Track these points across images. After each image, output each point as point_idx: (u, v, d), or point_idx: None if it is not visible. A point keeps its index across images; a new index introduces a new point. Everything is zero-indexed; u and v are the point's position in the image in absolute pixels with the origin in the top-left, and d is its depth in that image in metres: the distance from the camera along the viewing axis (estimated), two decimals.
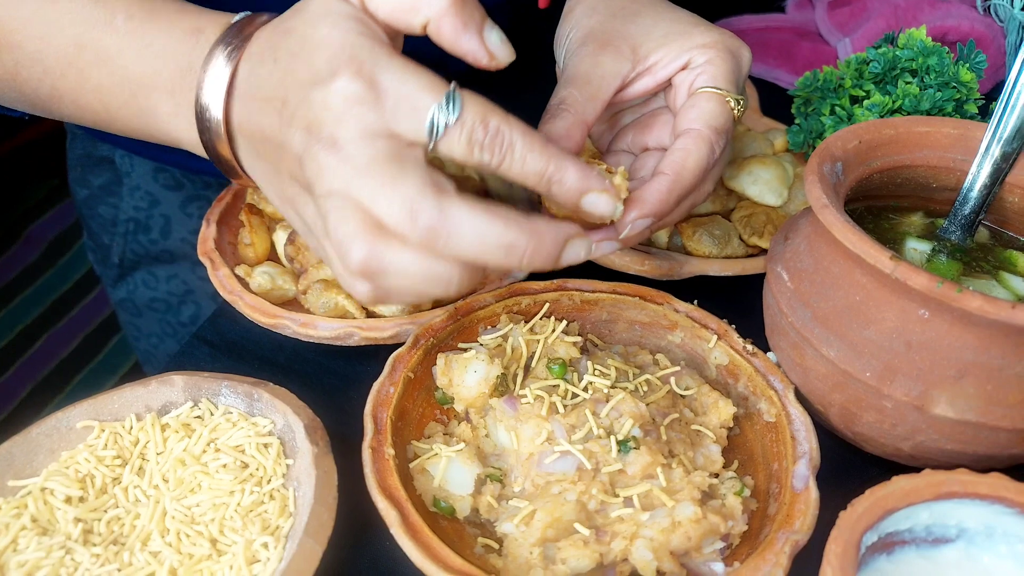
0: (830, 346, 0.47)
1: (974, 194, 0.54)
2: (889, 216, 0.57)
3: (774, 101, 0.82)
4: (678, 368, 0.54)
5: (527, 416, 0.49)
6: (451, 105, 0.39)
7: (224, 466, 0.44)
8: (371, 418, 0.48)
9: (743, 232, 0.65)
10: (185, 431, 0.46)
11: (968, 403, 0.44)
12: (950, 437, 0.46)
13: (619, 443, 0.47)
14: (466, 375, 0.50)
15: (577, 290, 0.59)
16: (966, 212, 0.54)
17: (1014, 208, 0.54)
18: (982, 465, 0.48)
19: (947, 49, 0.70)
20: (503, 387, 0.51)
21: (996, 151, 0.53)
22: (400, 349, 0.53)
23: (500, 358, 0.53)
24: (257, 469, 0.44)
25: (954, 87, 0.70)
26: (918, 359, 0.45)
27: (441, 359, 0.51)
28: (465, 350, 0.54)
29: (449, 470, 0.48)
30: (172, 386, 0.48)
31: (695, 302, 0.58)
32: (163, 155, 0.86)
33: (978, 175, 0.54)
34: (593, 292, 0.59)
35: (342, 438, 0.50)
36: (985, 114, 0.73)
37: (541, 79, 0.65)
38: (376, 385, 0.51)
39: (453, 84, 0.39)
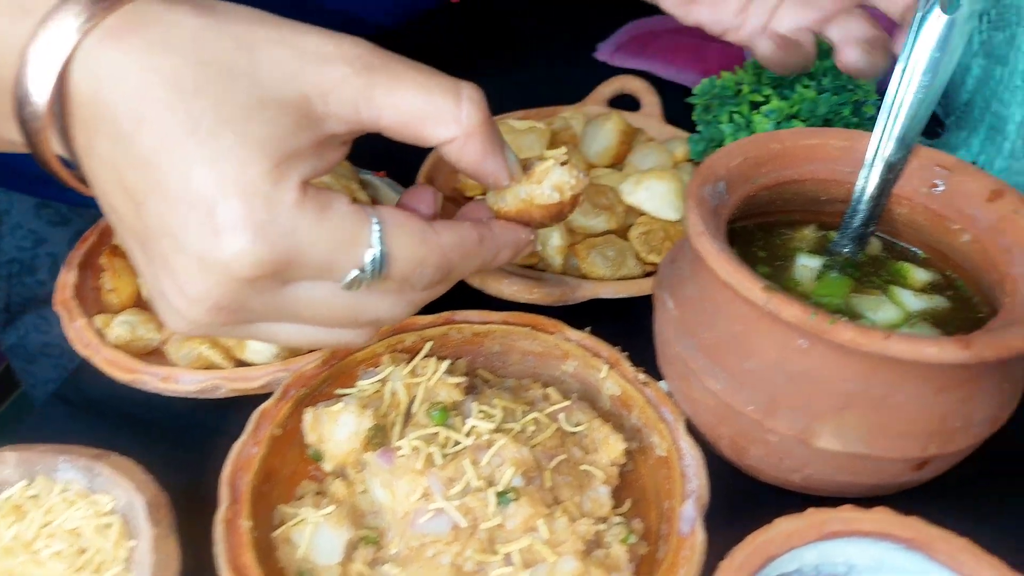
0: (715, 378, 0.45)
1: (862, 206, 0.52)
2: (781, 232, 0.55)
3: (683, 107, 0.80)
4: (568, 403, 0.52)
5: (402, 471, 0.46)
6: (375, 266, 0.34)
7: (58, 553, 0.40)
8: (227, 486, 0.45)
9: (640, 250, 0.62)
10: (16, 515, 0.42)
11: (852, 435, 0.42)
12: (837, 469, 0.44)
13: (498, 495, 0.45)
14: (336, 430, 0.47)
15: (466, 322, 0.56)
16: (856, 225, 0.52)
17: (903, 219, 0.53)
18: (874, 493, 0.46)
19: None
20: (379, 439, 0.48)
21: (881, 162, 0.51)
22: (266, 403, 0.49)
23: (377, 406, 0.50)
24: (95, 554, 0.41)
25: (851, 90, 0.68)
26: (800, 391, 0.43)
27: (308, 414, 0.48)
28: (343, 397, 0.51)
29: (315, 537, 0.45)
30: (4, 464, 0.44)
31: (588, 329, 0.56)
32: (44, 189, 0.81)
33: (865, 187, 0.52)
34: (484, 324, 0.56)
35: (209, 504, 0.47)
36: None
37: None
38: (236, 446, 0.47)
39: (376, 233, 0.34)
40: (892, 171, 0.51)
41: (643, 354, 0.54)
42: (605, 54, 0.96)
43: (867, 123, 0.68)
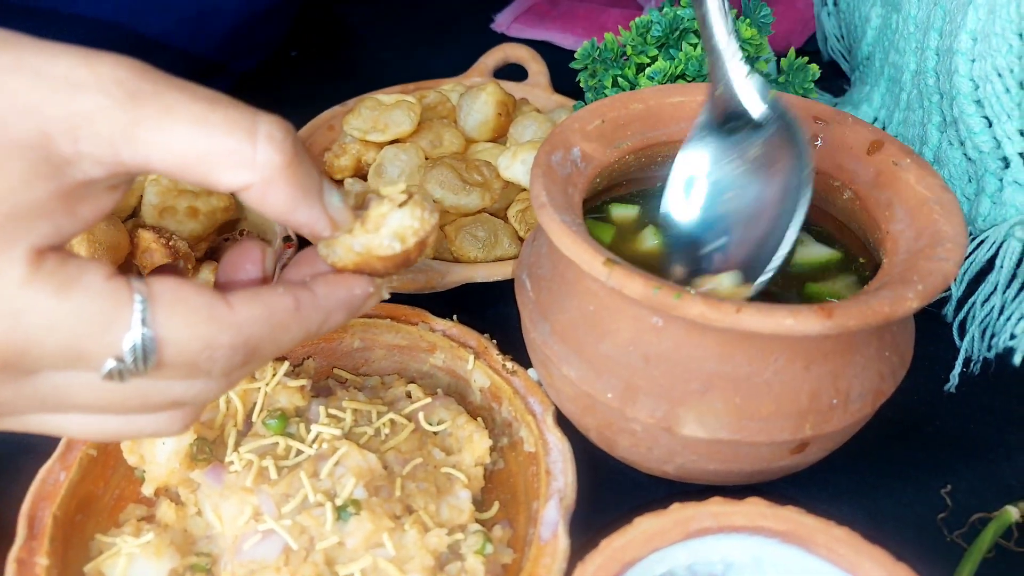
0: (570, 365, 0.41)
1: None
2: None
3: (575, 75, 0.76)
4: (429, 400, 0.47)
5: (231, 489, 0.41)
6: (136, 354, 0.27)
7: None
8: (26, 519, 0.39)
9: (519, 228, 0.58)
10: None
11: (718, 420, 0.38)
12: (708, 457, 0.40)
13: (338, 509, 0.40)
14: (155, 449, 0.42)
15: None
16: None
17: None
18: (755, 480, 0.42)
19: (729, 5, 0.64)
20: (206, 454, 0.43)
21: None
22: None
23: (212, 417, 0.44)
24: None
25: (740, 45, 0.64)
26: (659, 375, 0.38)
27: None
28: None
29: (131, 570, 0.39)
30: None
31: (454, 317, 0.51)
32: None
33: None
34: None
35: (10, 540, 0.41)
36: (784, 71, 0.68)
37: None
38: (41, 473, 0.41)
39: (138, 313, 0.27)
40: None
41: (519, 342, 0.49)
42: (503, 25, 0.91)
43: None
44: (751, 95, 0.43)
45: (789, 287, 0.44)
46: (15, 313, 0.25)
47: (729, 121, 0.43)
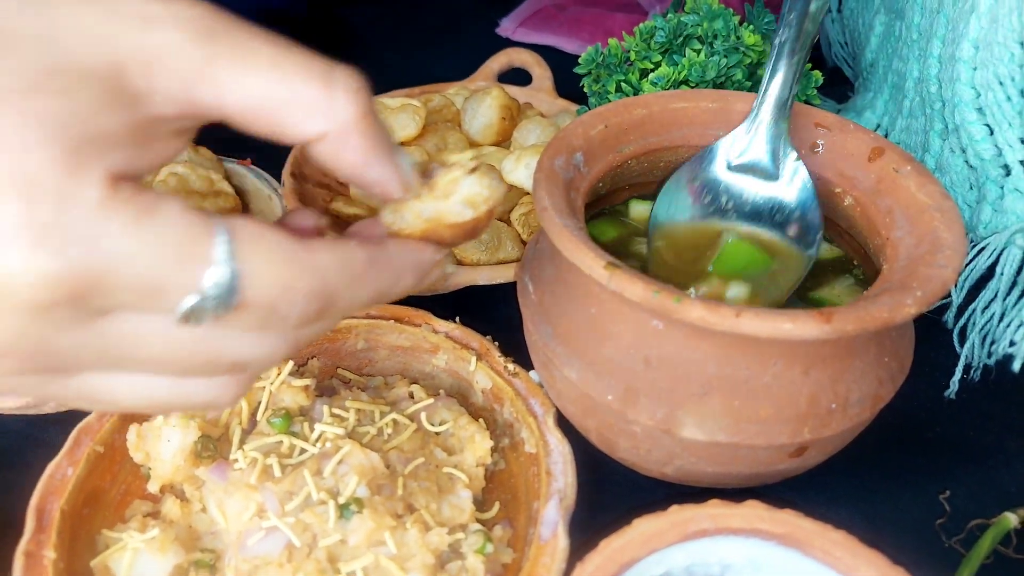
0: (571, 367, 0.41)
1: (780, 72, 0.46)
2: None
3: (579, 79, 0.76)
4: (431, 401, 0.47)
5: (236, 486, 0.41)
6: (220, 291, 0.25)
7: None
8: (34, 512, 0.40)
9: (522, 232, 0.58)
10: None
11: (716, 423, 0.38)
12: (707, 460, 0.40)
13: (340, 507, 0.40)
14: (161, 446, 0.42)
15: None
16: (774, 94, 0.47)
17: None
18: (754, 483, 0.43)
19: (732, 11, 0.65)
20: (211, 452, 0.43)
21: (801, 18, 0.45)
22: (88, 418, 0.44)
23: (217, 415, 0.45)
24: None
25: (743, 51, 0.65)
26: (659, 377, 0.39)
27: (133, 431, 0.43)
28: None
29: (135, 564, 0.40)
30: None
31: (457, 319, 0.52)
32: None
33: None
34: (344, 319, 0.51)
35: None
36: None
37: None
38: (49, 468, 0.42)
39: (223, 246, 0.25)
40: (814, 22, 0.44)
41: (521, 344, 0.49)
42: (508, 29, 0.92)
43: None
44: (780, 156, 0.44)
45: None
46: (92, 238, 0.23)
47: (743, 164, 0.45)
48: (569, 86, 0.73)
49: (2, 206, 0.22)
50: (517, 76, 0.75)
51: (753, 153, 0.45)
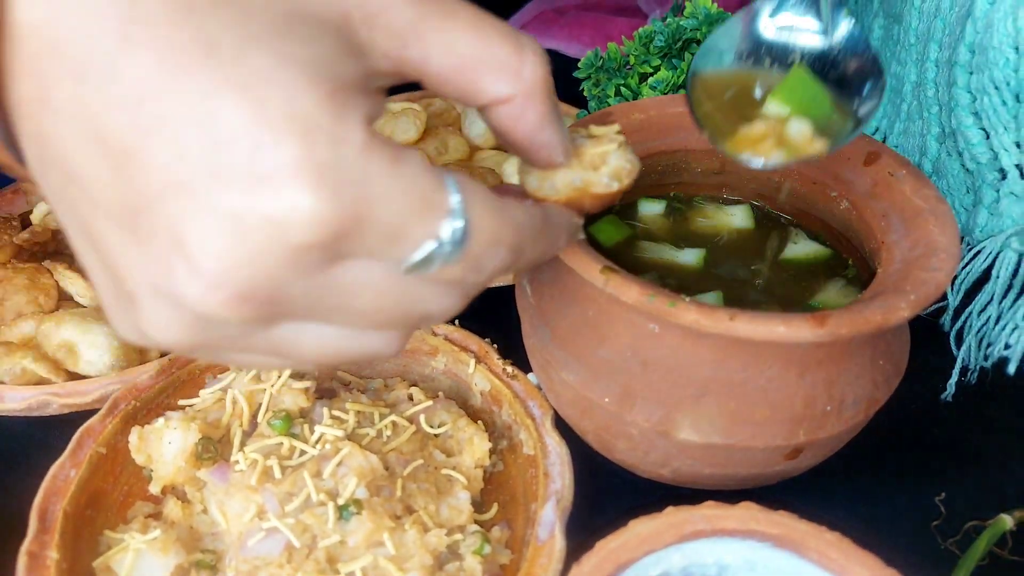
0: (569, 369, 0.42)
1: None
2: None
3: (579, 83, 0.76)
4: (430, 403, 0.48)
5: (236, 487, 0.42)
6: (455, 239, 0.26)
7: None
8: (38, 513, 0.41)
9: None
10: None
11: (712, 425, 0.38)
12: (703, 462, 0.40)
13: (340, 509, 0.41)
14: (162, 448, 0.43)
15: None
16: None
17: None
18: (750, 485, 0.43)
19: (731, 15, 0.65)
20: (211, 454, 0.43)
21: None
22: (91, 420, 0.45)
23: (219, 417, 0.45)
24: None
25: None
26: (656, 379, 0.39)
27: (135, 434, 0.44)
28: (185, 408, 0.46)
29: (137, 565, 0.40)
30: None
31: (456, 321, 0.52)
32: None
33: None
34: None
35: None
36: None
37: None
38: (52, 469, 0.43)
39: (457, 198, 0.26)
40: None
41: (519, 346, 0.50)
42: None
43: None
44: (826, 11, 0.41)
45: (785, 286, 0.45)
46: (360, 181, 0.24)
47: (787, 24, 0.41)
48: (569, 90, 0.73)
49: (280, 145, 0.22)
50: None
51: (798, 9, 0.43)
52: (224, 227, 0.23)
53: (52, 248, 0.56)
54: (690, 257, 0.47)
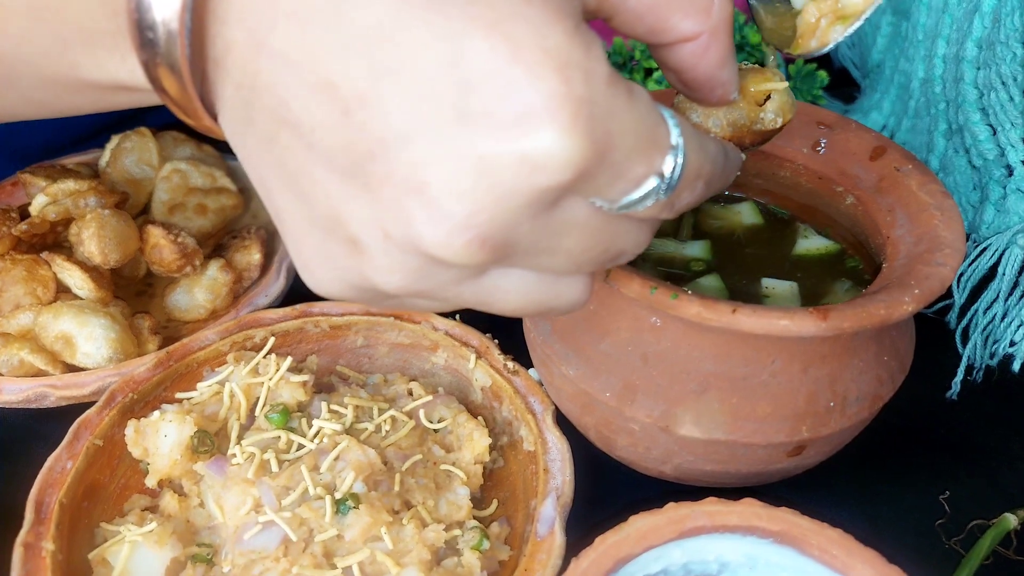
0: (569, 364, 0.41)
1: None
2: None
3: None
4: (430, 398, 0.47)
5: (233, 480, 0.42)
6: (672, 177, 0.25)
7: None
8: (34, 505, 0.40)
9: None
10: None
11: (714, 420, 0.38)
12: (705, 458, 0.40)
13: (337, 503, 0.40)
14: (159, 441, 0.43)
15: (324, 315, 0.51)
16: None
17: (788, 183, 0.49)
18: (752, 482, 0.43)
19: (737, 10, 0.65)
20: (208, 447, 0.43)
21: None
22: (88, 411, 0.45)
23: (217, 411, 0.45)
24: None
25: (750, 52, 0.64)
26: (656, 374, 0.39)
27: (131, 427, 0.43)
28: (182, 401, 0.46)
29: (133, 558, 0.40)
30: None
31: (457, 316, 0.52)
32: None
33: None
34: (343, 315, 0.51)
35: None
36: (793, 78, 0.68)
37: None
38: (49, 461, 0.42)
39: (677, 132, 0.25)
40: None
41: (520, 342, 0.49)
42: None
43: None
44: None
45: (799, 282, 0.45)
46: (610, 115, 0.23)
47: None
48: None
49: (537, 83, 0.21)
50: None
51: None
52: (473, 170, 0.22)
53: (51, 240, 0.55)
54: (695, 250, 0.46)
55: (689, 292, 0.35)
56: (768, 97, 0.33)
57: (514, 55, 0.21)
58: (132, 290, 0.58)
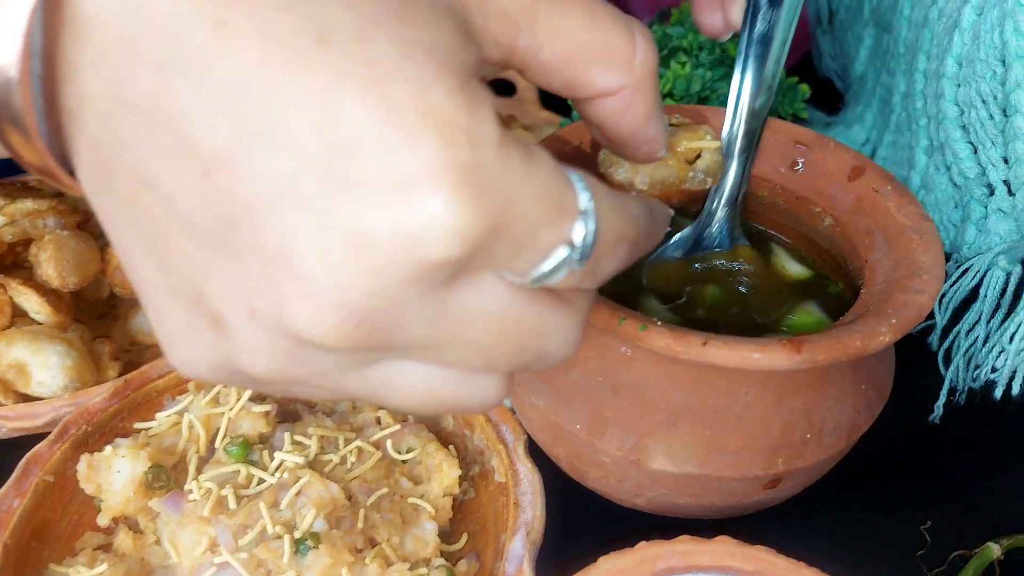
0: (539, 394, 0.40)
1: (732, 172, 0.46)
2: None
3: None
4: (398, 427, 0.46)
5: (189, 518, 0.40)
6: (585, 244, 0.23)
7: None
8: None
9: None
10: None
11: (686, 453, 0.37)
12: (678, 491, 0.39)
13: (296, 542, 0.39)
14: (111, 478, 0.41)
15: None
16: (724, 194, 0.46)
17: (766, 203, 0.48)
18: (728, 515, 0.41)
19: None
20: (162, 482, 0.41)
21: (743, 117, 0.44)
22: (39, 445, 0.43)
23: (173, 442, 0.43)
24: None
25: (730, 64, 0.63)
26: (627, 405, 0.37)
27: (83, 461, 0.41)
28: (139, 432, 0.44)
29: None
30: None
31: None
32: None
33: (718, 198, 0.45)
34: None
35: None
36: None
37: None
38: None
39: (587, 197, 0.22)
40: (757, 119, 0.44)
41: None
42: None
43: None
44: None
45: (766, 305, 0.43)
46: (500, 186, 0.20)
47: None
48: (554, 97, 0.72)
49: (416, 147, 0.19)
50: (501, 86, 0.74)
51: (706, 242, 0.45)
52: (346, 242, 0.20)
53: (10, 261, 0.54)
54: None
55: (659, 323, 0.34)
56: (699, 155, 0.32)
57: (390, 116, 0.19)
58: (95, 312, 0.56)
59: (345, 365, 0.23)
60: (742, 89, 0.43)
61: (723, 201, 0.45)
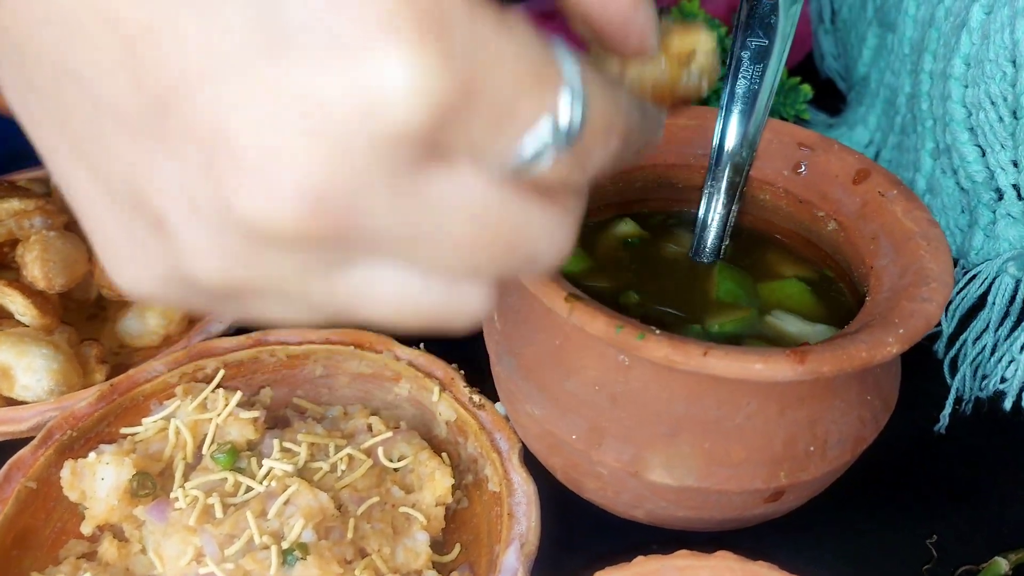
0: (535, 403, 0.39)
1: (714, 220, 0.45)
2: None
3: None
4: (390, 434, 0.45)
5: (174, 527, 0.39)
6: (573, 121, 0.20)
7: None
8: None
9: None
10: None
11: (686, 466, 0.36)
12: (678, 504, 0.37)
13: (284, 553, 0.38)
14: (95, 485, 0.40)
15: (280, 343, 0.49)
16: (708, 240, 0.45)
17: (768, 206, 0.46)
18: (729, 527, 0.40)
19: (719, 21, 0.63)
20: (147, 490, 0.40)
21: (725, 170, 0.43)
22: (22, 451, 0.42)
23: (160, 448, 0.42)
24: None
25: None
26: (625, 416, 0.36)
27: (67, 468, 0.40)
28: (125, 438, 0.43)
29: None
30: None
31: (421, 345, 0.49)
32: None
33: (712, 201, 0.44)
34: (301, 344, 0.49)
35: None
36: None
37: None
38: None
39: (571, 65, 0.20)
40: (739, 173, 0.43)
41: (490, 373, 0.47)
42: None
43: None
44: None
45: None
46: (468, 43, 0.18)
47: None
48: None
49: None
50: None
51: None
52: (292, 111, 0.17)
53: None
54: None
55: (658, 332, 0.33)
56: (693, 57, 0.30)
57: None
58: (83, 314, 0.55)
59: (309, 265, 0.20)
60: (724, 143, 0.42)
61: (704, 250, 0.45)
